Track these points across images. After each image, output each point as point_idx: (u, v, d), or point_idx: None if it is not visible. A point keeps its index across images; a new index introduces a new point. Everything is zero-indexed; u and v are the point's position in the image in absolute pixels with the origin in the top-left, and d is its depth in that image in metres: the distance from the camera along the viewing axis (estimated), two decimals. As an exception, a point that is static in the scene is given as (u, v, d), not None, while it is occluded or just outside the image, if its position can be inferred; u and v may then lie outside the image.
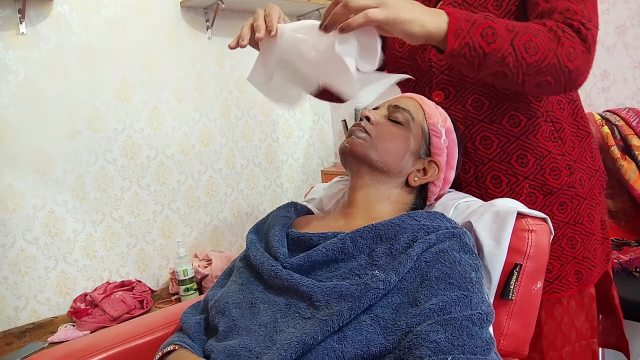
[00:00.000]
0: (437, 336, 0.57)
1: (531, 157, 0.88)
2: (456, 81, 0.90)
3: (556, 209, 0.89)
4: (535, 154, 0.88)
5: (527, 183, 0.89)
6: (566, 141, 0.90)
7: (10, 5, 1.75)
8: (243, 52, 0.97)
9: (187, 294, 1.93)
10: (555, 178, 0.89)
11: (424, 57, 0.93)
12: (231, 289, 0.78)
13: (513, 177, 0.89)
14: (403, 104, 0.85)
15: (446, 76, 0.91)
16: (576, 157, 0.91)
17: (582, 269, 0.91)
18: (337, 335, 0.62)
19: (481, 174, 0.92)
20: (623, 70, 1.72)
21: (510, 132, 0.88)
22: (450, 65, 0.89)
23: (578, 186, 0.90)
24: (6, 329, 1.74)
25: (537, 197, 0.89)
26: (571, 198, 0.90)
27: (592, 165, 0.94)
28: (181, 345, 0.76)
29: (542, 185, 0.89)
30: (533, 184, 0.89)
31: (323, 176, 2.67)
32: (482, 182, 0.92)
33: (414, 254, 0.67)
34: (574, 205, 0.90)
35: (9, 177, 1.76)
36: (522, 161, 0.89)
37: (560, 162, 0.89)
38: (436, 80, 0.92)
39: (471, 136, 0.90)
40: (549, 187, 0.89)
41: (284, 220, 0.84)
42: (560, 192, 0.89)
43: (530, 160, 0.88)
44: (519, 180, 0.89)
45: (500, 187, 0.90)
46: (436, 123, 0.84)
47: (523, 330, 0.78)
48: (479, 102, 0.89)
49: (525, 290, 0.77)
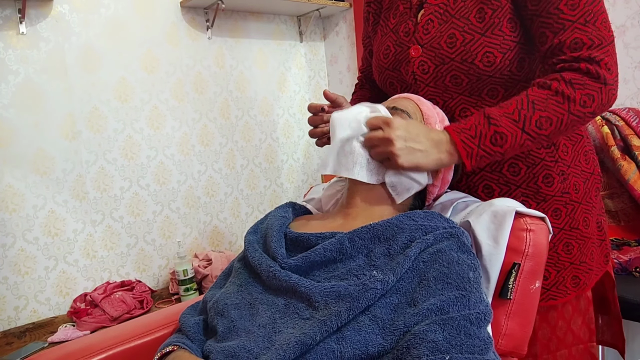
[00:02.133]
0: (435, 336, 0.57)
1: (523, 165, 0.88)
2: (442, 92, 0.90)
3: (550, 215, 0.88)
4: (527, 162, 0.88)
5: (519, 191, 0.89)
6: (559, 146, 0.89)
7: (10, 5, 1.75)
8: (243, 52, 0.97)
9: (187, 294, 1.93)
10: (548, 185, 0.89)
11: (407, 69, 0.92)
12: (230, 290, 0.78)
13: (505, 186, 0.90)
14: (400, 105, 0.85)
15: (432, 88, 0.91)
16: (570, 162, 0.90)
17: (579, 273, 0.91)
18: (336, 336, 0.62)
19: (473, 184, 0.92)
20: (623, 70, 1.72)
21: None
22: (436, 78, 0.89)
23: (572, 191, 0.90)
24: (6, 329, 1.74)
25: (530, 205, 0.89)
26: (565, 204, 0.89)
27: (587, 168, 0.93)
28: (180, 346, 0.76)
29: (535, 193, 0.89)
30: (526, 192, 0.89)
31: (323, 176, 2.67)
32: (474, 192, 0.92)
33: (412, 254, 0.67)
34: (568, 210, 0.90)
35: (9, 177, 1.76)
36: (514, 170, 0.89)
37: (553, 169, 0.89)
38: (422, 92, 0.91)
39: None
40: (542, 194, 0.89)
41: (282, 220, 0.84)
42: (554, 199, 0.89)
43: (522, 168, 0.89)
44: (511, 189, 0.90)
45: (492, 196, 0.90)
46: (433, 123, 0.84)
47: (522, 329, 0.78)
48: (467, 112, 0.89)
49: (523, 290, 0.77)
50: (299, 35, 2.62)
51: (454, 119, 0.90)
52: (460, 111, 0.90)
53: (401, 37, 0.93)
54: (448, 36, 0.85)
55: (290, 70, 2.59)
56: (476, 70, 0.84)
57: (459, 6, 0.85)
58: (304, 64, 2.67)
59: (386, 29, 0.97)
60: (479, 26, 0.83)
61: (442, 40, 0.86)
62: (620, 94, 1.72)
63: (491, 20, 0.82)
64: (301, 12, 2.52)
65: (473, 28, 0.83)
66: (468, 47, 0.83)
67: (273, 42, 2.50)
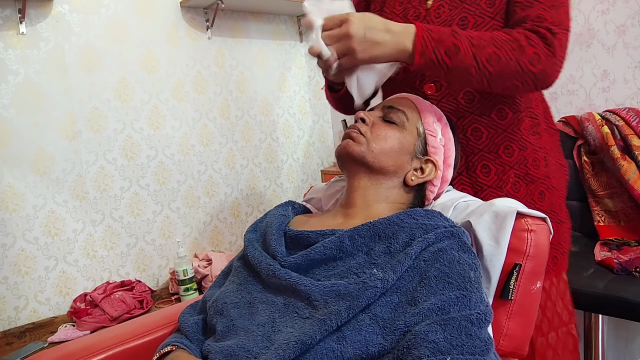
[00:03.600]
0: (436, 336, 0.57)
1: (516, 148, 0.94)
2: None
3: (536, 198, 0.95)
4: (519, 145, 0.95)
5: (512, 172, 0.95)
6: (542, 135, 0.98)
7: (10, 5, 1.75)
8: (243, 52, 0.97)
9: (187, 294, 1.93)
10: (535, 168, 0.96)
11: None
12: (229, 289, 0.78)
13: (500, 166, 0.95)
14: (397, 104, 0.85)
15: None
16: (549, 151, 0.99)
17: (557, 254, 0.97)
18: (336, 335, 0.62)
19: (472, 164, 0.96)
20: (623, 70, 1.72)
21: (498, 124, 0.93)
22: None
23: (552, 177, 0.97)
24: (6, 329, 1.74)
25: (521, 186, 0.95)
26: (548, 188, 0.97)
27: (560, 160, 1.02)
28: (179, 346, 0.76)
29: (525, 174, 0.95)
30: (518, 173, 0.95)
31: (323, 176, 2.67)
32: (473, 172, 0.96)
33: (413, 252, 0.67)
34: (549, 194, 0.97)
35: (9, 177, 1.76)
36: (508, 152, 0.94)
37: (539, 154, 0.96)
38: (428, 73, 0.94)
39: (463, 127, 0.94)
40: (531, 176, 0.95)
41: (282, 218, 0.84)
42: (540, 181, 0.96)
43: (515, 151, 0.94)
44: (505, 169, 0.95)
45: (489, 175, 0.95)
46: (431, 122, 0.84)
47: (522, 330, 0.78)
48: (470, 95, 0.93)
49: (524, 290, 0.77)
50: (299, 35, 2.62)
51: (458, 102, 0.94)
52: (464, 94, 0.93)
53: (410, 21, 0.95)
54: (460, 19, 0.90)
55: (290, 70, 2.59)
56: None
57: None
58: (304, 64, 2.67)
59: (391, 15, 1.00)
60: (490, 11, 0.89)
61: (453, 23, 0.91)
62: (620, 94, 1.73)
63: (500, 5, 0.88)
64: (301, 12, 2.52)
65: (484, 12, 0.89)
66: (480, 29, 0.88)
67: (273, 42, 2.50)
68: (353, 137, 0.82)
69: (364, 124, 0.84)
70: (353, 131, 0.83)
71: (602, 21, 1.75)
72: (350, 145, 0.82)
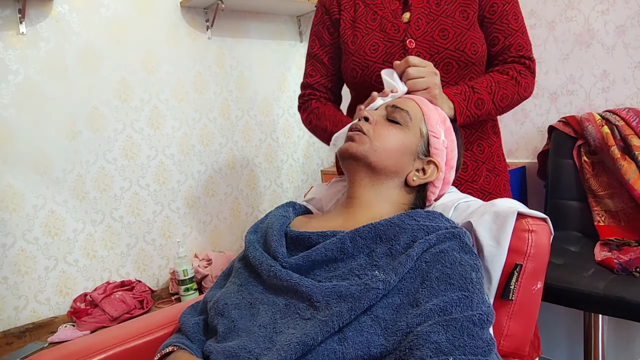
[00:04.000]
0: (438, 337, 0.57)
1: (485, 145, 1.10)
2: None
3: (501, 189, 1.12)
4: (488, 142, 1.11)
5: (484, 167, 1.09)
6: (499, 135, 1.16)
7: (10, 5, 1.75)
8: (243, 52, 0.98)
9: (187, 294, 1.93)
10: (499, 163, 1.13)
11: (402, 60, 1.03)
12: (230, 290, 0.78)
13: (474, 162, 1.08)
14: (401, 105, 0.85)
15: None
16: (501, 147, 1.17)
17: None
18: (338, 336, 0.62)
19: None
20: (623, 70, 1.72)
21: (472, 124, 1.06)
22: None
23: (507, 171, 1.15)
24: (6, 329, 1.74)
25: (491, 179, 1.10)
26: (508, 180, 1.15)
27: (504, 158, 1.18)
28: (180, 346, 0.76)
29: (493, 168, 1.11)
30: (489, 168, 1.10)
31: (323, 176, 2.67)
32: None
33: (414, 254, 0.67)
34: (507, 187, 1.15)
35: (9, 177, 1.76)
36: (480, 149, 1.10)
37: (500, 150, 1.15)
38: None
39: None
40: (498, 170, 1.12)
41: (283, 219, 0.84)
42: (503, 174, 1.13)
43: (485, 148, 1.10)
44: (478, 164, 1.09)
45: (466, 171, 1.08)
46: (435, 123, 0.84)
47: (523, 330, 0.78)
48: None
49: (525, 291, 0.77)
50: (299, 35, 2.62)
51: None
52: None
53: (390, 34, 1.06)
54: (440, 30, 1.02)
55: (290, 70, 2.59)
56: (466, 57, 1.02)
57: (443, 9, 1.03)
58: (303, 64, 2.66)
59: (366, 30, 1.08)
60: (465, 23, 1.02)
61: (434, 34, 1.02)
62: (620, 94, 1.73)
63: (472, 19, 1.03)
64: (301, 12, 2.52)
65: (460, 24, 1.02)
66: (459, 38, 1.01)
67: (273, 42, 2.50)
68: (355, 139, 0.82)
69: (367, 122, 0.84)
70: (355, 133, 0.83)
71: (602, 21, 1.75)
72: (352, 146, 0.82)
